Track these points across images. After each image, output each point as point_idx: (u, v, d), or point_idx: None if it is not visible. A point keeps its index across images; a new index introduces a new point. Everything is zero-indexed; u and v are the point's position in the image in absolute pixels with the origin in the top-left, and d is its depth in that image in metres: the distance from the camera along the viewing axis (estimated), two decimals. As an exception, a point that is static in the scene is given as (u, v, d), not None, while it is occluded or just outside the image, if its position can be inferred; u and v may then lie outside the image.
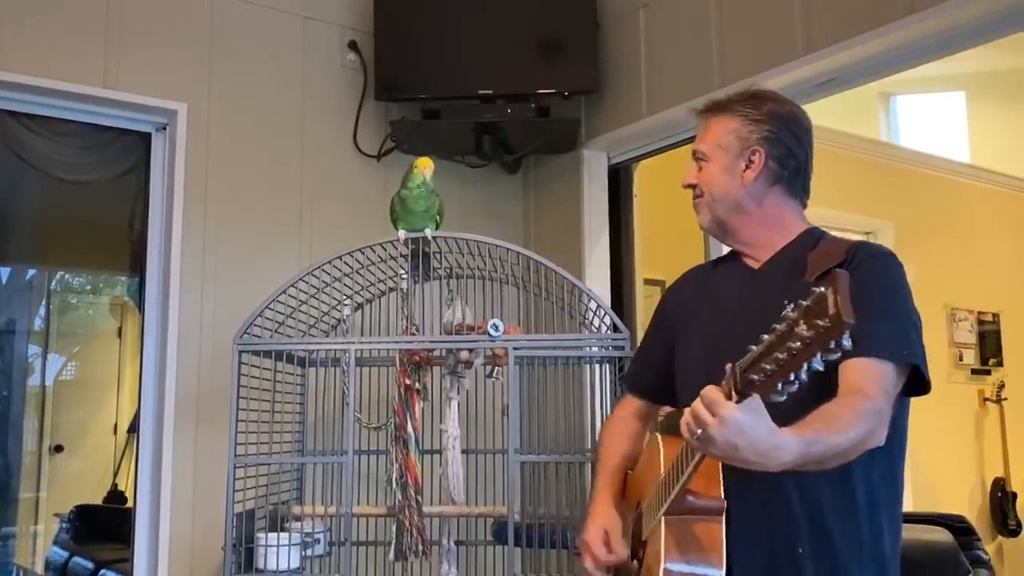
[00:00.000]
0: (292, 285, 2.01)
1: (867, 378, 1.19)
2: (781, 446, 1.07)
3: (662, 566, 1.19)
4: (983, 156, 4.93)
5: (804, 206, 1.44)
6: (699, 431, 1.04)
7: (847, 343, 0.90)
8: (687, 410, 1.06)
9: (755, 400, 1.01)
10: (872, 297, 1.24)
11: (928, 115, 5.08)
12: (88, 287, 5.44)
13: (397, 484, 1.97)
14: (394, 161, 2.89)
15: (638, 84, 2.66)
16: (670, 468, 1.23)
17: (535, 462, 1.92)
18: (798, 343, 0.93)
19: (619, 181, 2.94)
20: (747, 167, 1.38)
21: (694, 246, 2.71)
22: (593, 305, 2.05)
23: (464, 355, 2.02)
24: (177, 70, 2.57)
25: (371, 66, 2.82)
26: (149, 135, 2.60)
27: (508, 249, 2.03)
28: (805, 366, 0.92)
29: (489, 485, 2.23)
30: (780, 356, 0.94)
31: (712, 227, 1.45)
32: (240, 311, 2.12)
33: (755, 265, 1.42)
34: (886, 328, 1.23)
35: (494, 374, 2.07)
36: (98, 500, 4.61)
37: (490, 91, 2.70)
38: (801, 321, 0.93)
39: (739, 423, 1.03)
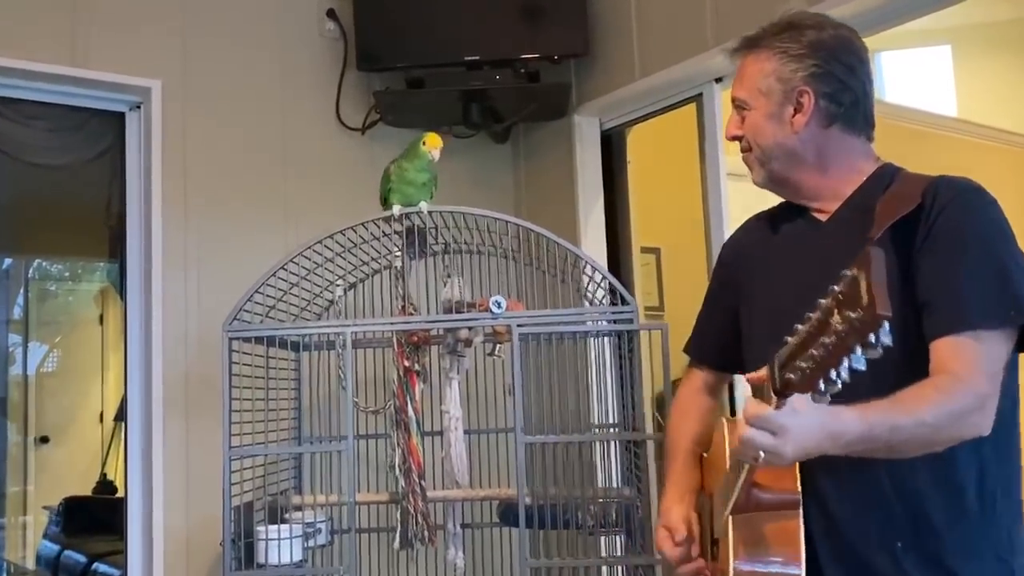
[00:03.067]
0: (283, 267, 1.94)
1: (959, 357, 1.05)
2: (838, 432, 0.99)
3: (731, 567, 1.09)
4: (970, 110, 4.88)
5: (870, 139, 1.28)
6: (752, 454, 0.97)
7: (886, 339, 0.79)
8: (737, 434, 0.99)
9: (798, 399, 0.93)
10: (961, 249, 1.09)
11: (914, 70, 5.02)
12: (67, 274, 5.31)
13: (400, 470, 1.91)
14: (379, 134, 2.83)
15: (629, 45, 2.61)
16: (732, 463, 1.13)
17: (543, 443, 1.84)
18: (832, 338, 0.83)
19: (612, 147, 2.90)
20: (796, 111, 1.23)
21: (692, 212, 2.67)
22: (597, 277, 1.99)
23: (464, 333, 1.97)
24: (149, 45, 2.51)
25: (351, 35, 2.76)
26: (123, 115, 2.55)
27: (507, 222, 1.97)
28: (845, 363, 0.82)
29: (493, 466, 2.19)
30: (815, 352, 0.84)
31: (768, 183, 1.30)
32: (226, 295, 2.06)
33: (822, 217, 1.27)
34: (982, 288, 1.07)
35: (496, 352, 2.03)
36: (87, 491, 4.54)
37: (476, 57, 2.65)
38: (835, 311, 0.83)
39: (785, 429, 0.96)
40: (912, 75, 4.98)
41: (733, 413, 2.32)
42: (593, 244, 2.77)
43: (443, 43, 2.66)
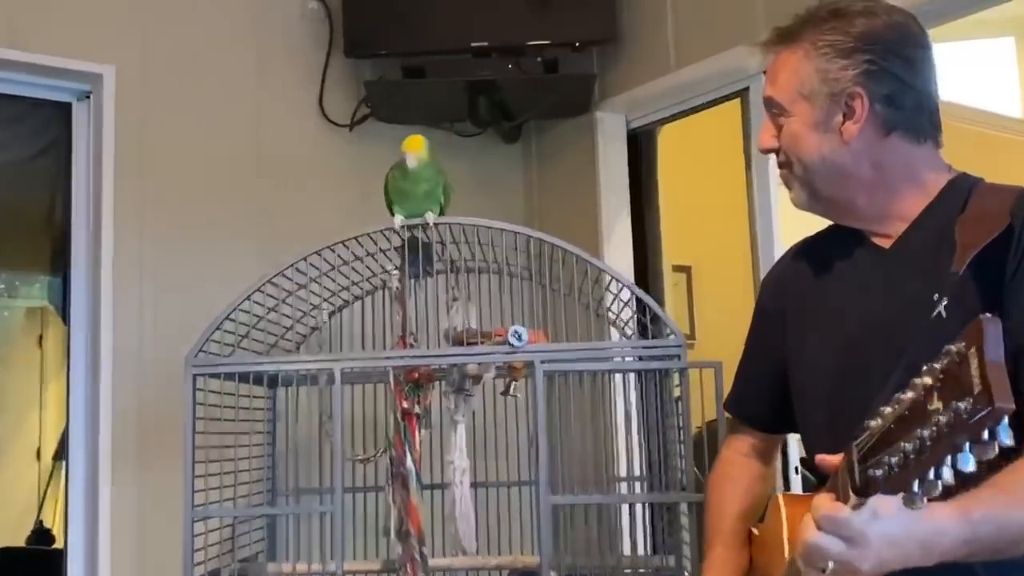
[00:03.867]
0: (258, 289, 1.88)
1: None
2: (933, 541, 0.91)
3: None
4: (1037, 110, 4.85)
5: (938, 146, 1.20)
6: (820, 564, 0.91)
7: (1006, 438, 0.71)
8: (799, 537, 0.92)
9: (883, 501, 0.86)
10: None
11: (972, 64, 4.97)
12: (2, 287, 5.21)
13: (396, 533, 1.85)
14: (370, 131, 2.82)
15: (664, 31, 2.61)
16: (794, 556, 1.04)
17: (571, 504, 1.77)
18: (931, 429, 0.74)
19: (640, 149, 2.90)
20: (846, 118, 1.16)
21: (731, 226, 2.67)
22: (624, 298, 1.95)
23: (472, 368, 1.91)
24: (101, 26, 2.48)
25: (338, 16, 2.75)
26: (69, 105, 2.53)
27: (523, 236, 1.93)
28: (948, 462, 0.74)
29: (506, 527, 2.13)
30: (908, 446, 0.77)
31: (812, 205, 1.23)
32: (190, 320, 2.03)
33: (885, 244, 1.19)
34: None
35: (512, 390, 1.97)
36: (19, 541, 4.41)
37: (485, 43, 2.66)
38: (934, 396, 0.75)
39: (864, 538, 0.89)
40: (970, 70, 4.93)
41: (787, 481, 2.28)
42: (618, 260, 2.73)
43: (446, 26, 2.64)
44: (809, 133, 1.18)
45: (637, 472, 2.09)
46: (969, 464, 0.73)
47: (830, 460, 0.95)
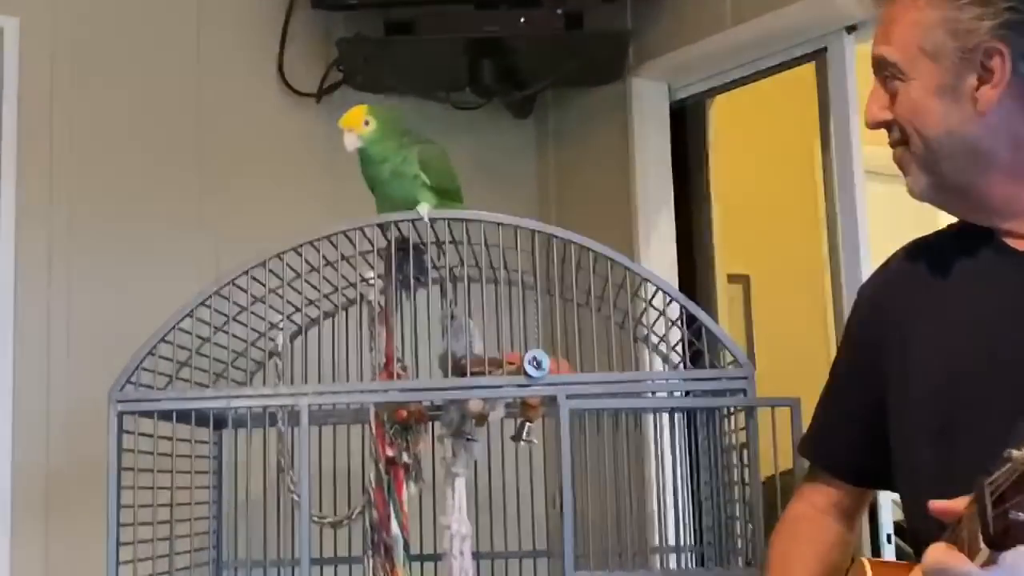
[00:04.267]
0: (203, 303, 1.88)
1: None
2: None
3: None
4: None
5: None
6: None
7: None
8: None
9: (1022, 553, 0.85)
10: None
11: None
12: None
13: None
14: (343, 102, 2.77)
15: None
16: None
17: None
18: None
19: (686, 126, 2.90)
20: (981, 81, 1.17)
21: (805, 223, 2.66)
22: (669, 309, 1.95)
23: (475, 406, 1.91)
24: None
25: None
26: None
27: (548, 236, 1.93)
28: None
29: None
30: None
31: (934, 194, 1.24)
32: (113, 342, 2.03)
33: (1020, 247, 1.21)
34: None
35: (525, 434, 2.00)
36: None
37: None
38: None
39: None
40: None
41: (876, 551, 2.29)
42: (659, 268, 2.71)
43: (441, -32, 2.69)
44: (933, 101, 1.19)
45: (687, 541, 2.08)
46: None
47: (951, 505, 0.95)
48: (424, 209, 1.91)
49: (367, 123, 1.91)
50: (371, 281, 1.99)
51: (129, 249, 2.55)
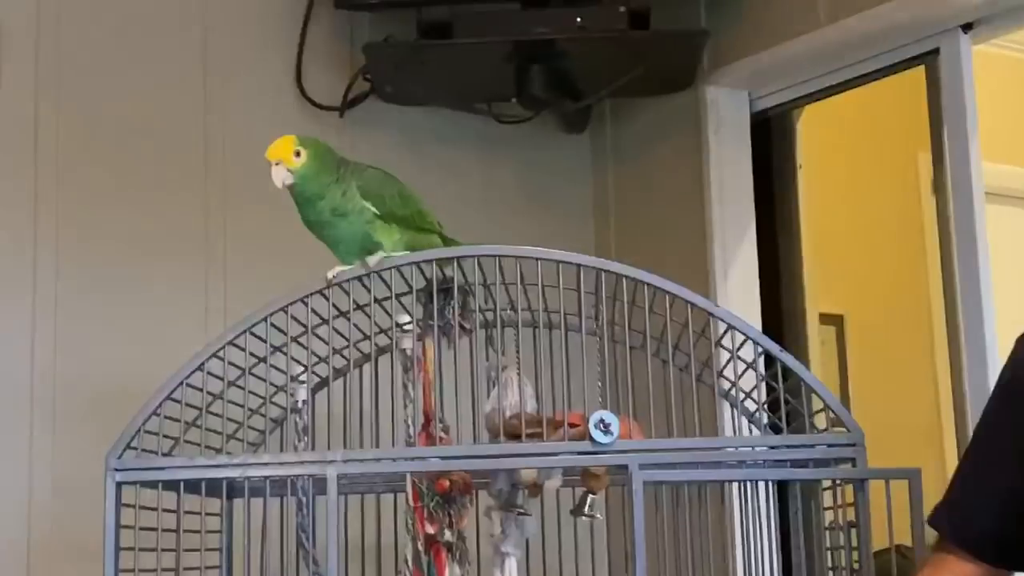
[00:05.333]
0: (215, 355, 1.88)
1: None
2: None
3: None
4: None
5: None
6: None
7: None
8: None
9: None
10: None
11: None
12: None
13: None
14: (370, 117, 2.86)
15: None
16: None
17: None
18: None
19: (770, 141, 2.92)
20: None
21: (911, 255, 2.72)
22: (744, 360, 1.92)
23: (529, 475, 1.92)
24: None
25: None
26: None
27: (614, 274, 1.90)
28: None
29: None
30: None
31: None
32: (110, 398, 2.09)
33: None
34: None
35: (588, 507, 1.97)
36: None
37: None
38: None
39: None
40: None
41: None
42: (738, 307, 2.71)
43: (484, -38, 2.71)
44: None
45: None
46: None
47: None
48: (374, 259, 1.91)
49: (298, 154, 1.91)
50: (407, 327, 1.99)
51: (125, 288, 2.56)
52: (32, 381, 2.47)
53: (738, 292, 2.77)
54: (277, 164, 1.92)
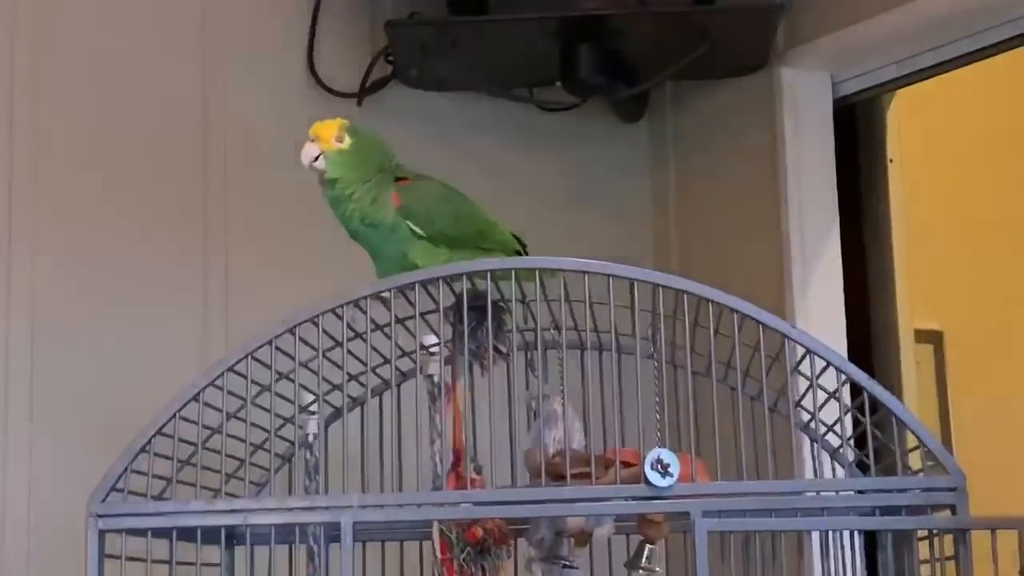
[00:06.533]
0: (213, 383, 1.87)
1: None
2: None
3: None
4: None
5: None
6: None
7: None
8: None
9: None
10: None
11: None
12: None
13: None
14: (391, 104, 2.89)
15: None
16: None
17: None
18: None
19: (856, 131, 2.95)
20: None
21: (1020, 262, 2.75)
22: (825, 389, 1.90)
23: (575, 523, 1.93)
24: None
25: None
26: None
27: (680, 292, 1.88)
28: None
29: None
30: None
31: None
32: (93, 437, 2.18)
33: None
34: None
35: (645, 559, 1.96)
36: None
37: None
38: None
39: None
40: None
41: None
42: (820, 323, 2.74)
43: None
44: None
45: None
46: None
47: None
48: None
49: (340, 140, 1.93)
50: (433, 350, 1.99)
51: (111, 303, 2.59)
52: (5, 411, 2.48)
53: (819, 306, 2.78)
54: (312, 142, 1.94)
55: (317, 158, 1.93)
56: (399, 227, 1.96)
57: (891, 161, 2.89)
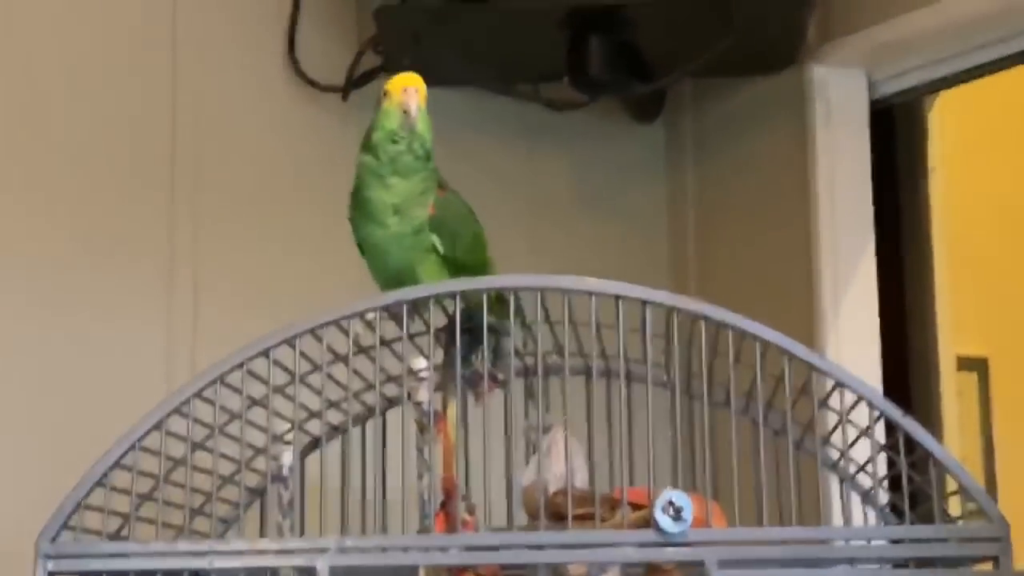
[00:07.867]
0: (177, 410, 1.87)
1: None
2: None
3: None
4: None
5: None
6: None
7: None
8: None
9: None
10: None
11: None
12: None
13: None
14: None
15: None
16: None
17: None
18: None
19: (894, 135, 2.95)
20: None
21: None
22: (856, 425, 1.88)
23: (577, 570, 1.92)
24: None
25: None
26: None
27: (698, 316, 1.88)
28: None
29: None
30: None
31: None
32: (42, 471, 2.21)
33: None
34: None
35: None
36: None
37: None
38: None
39: None
40: None
41: None
42: (854, 348, 2.75)
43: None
44: None
45: None
46: None
47: None
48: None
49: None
50: (422, 374, 1.99)
51: (65, 318, 2.60)
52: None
53: (852, 328, 2.78)
54: (417, 90, 1.97)
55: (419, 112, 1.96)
56: (423, 236, 1.97)
57: (933, 170, 2.89)
